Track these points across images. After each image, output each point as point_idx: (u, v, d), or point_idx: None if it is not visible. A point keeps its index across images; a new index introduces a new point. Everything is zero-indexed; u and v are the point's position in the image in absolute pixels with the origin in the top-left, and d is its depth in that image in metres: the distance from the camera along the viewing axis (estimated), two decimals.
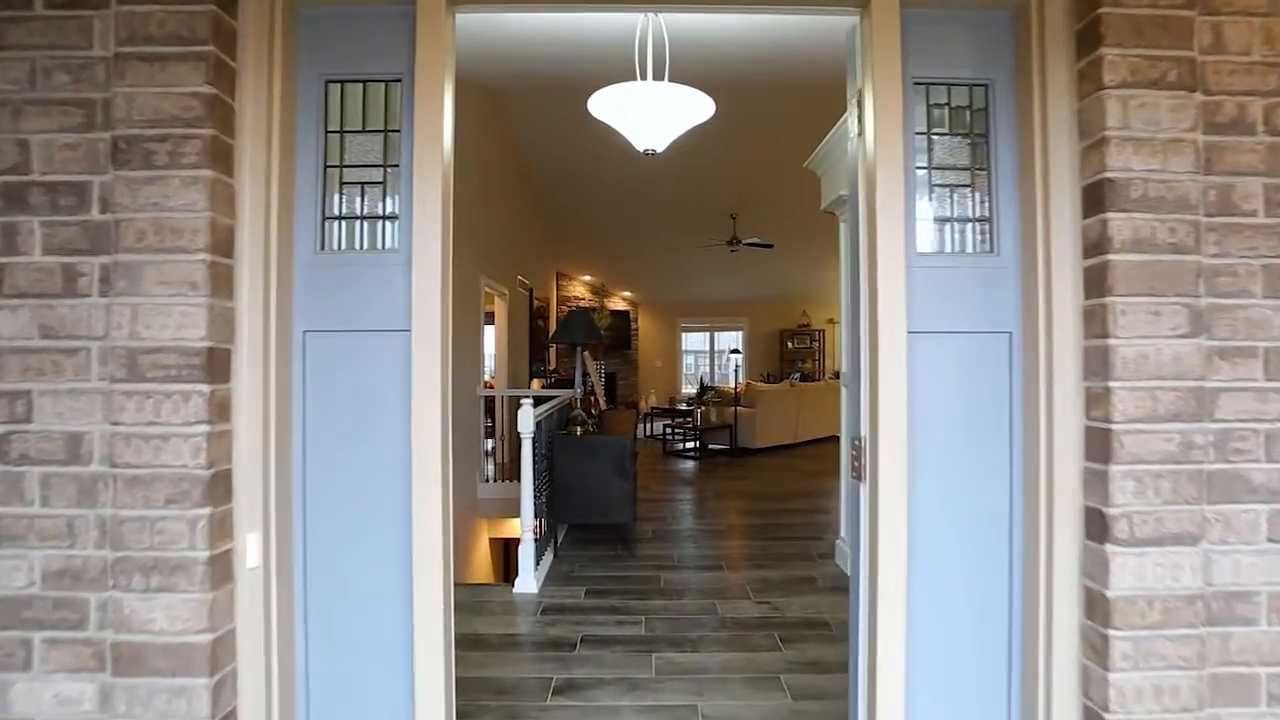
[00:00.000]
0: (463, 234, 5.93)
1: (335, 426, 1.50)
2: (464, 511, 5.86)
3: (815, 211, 9.94)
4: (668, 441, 9.00)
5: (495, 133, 7.01)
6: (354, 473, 1.50)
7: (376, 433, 1.51)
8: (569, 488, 4.13)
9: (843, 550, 4.00)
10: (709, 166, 8.49)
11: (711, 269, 11.92)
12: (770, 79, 6.05)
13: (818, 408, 9.55)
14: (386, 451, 1.50)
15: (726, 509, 5.61)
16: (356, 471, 1.50)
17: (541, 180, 8.83)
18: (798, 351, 14.07)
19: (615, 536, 4.51)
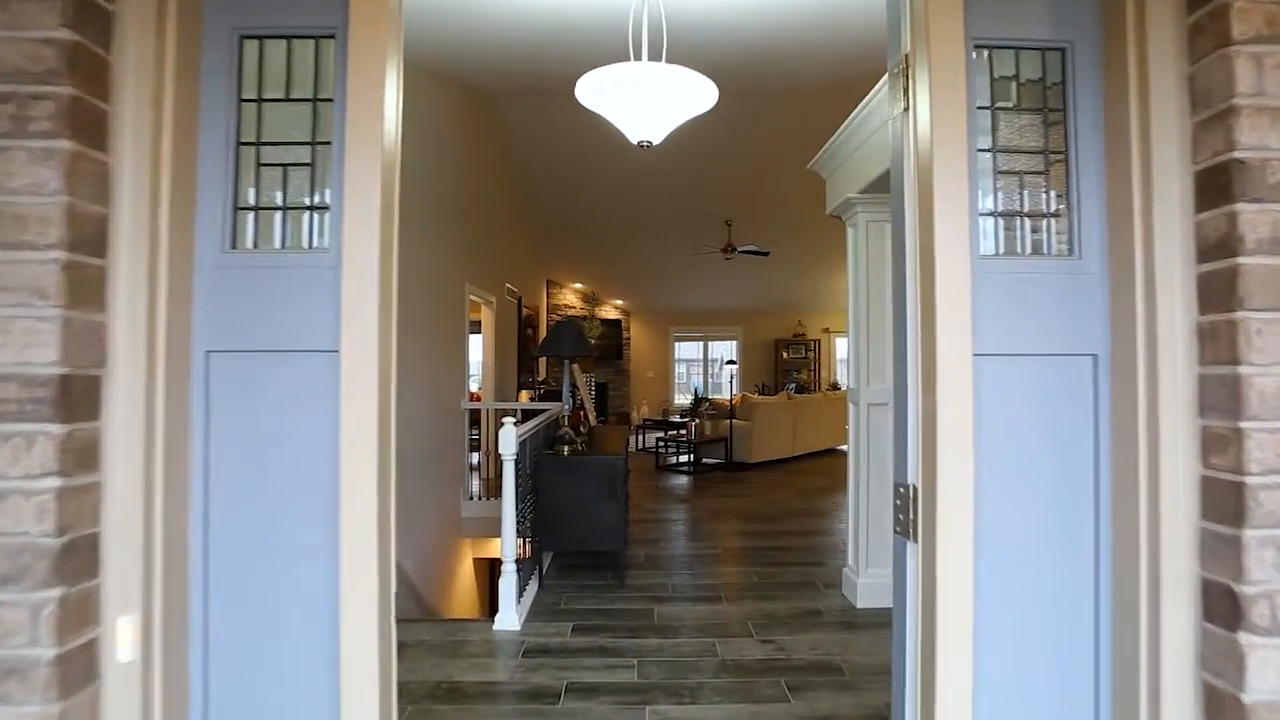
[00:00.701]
0: (446, 239, 5.61)
1: (248, 475, 1.18)
2: (447, 533, 5.52)
3: (813, 218, 9.71)
4: (660, 455, 8.69)
5: (482, 134, 6.71)
6: (273, 536, 1.18)
7: (300, 483, 1.19)
8: (555, 513, 3.81)
9: (850, 579, 3.70)
10: (704, 171, 8.22)
11: (705, 277, 11.64)
12: (772, 77, 5.79)
13: (815, 420, 9.27)
14: (313, 509, 1.18)
15: (723, 531, 5.30)
16: (277, 534, 1.18)
17: (531, 185, 8.54)
18: (793, 362, 13.81)
19: (605, 563, 4.19)
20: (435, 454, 5.28)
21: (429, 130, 5.18)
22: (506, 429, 3.15)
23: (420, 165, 4.94)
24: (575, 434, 4.09)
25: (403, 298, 1.31)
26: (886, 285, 3.63)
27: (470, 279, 6.36)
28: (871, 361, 3.61)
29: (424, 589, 4.82)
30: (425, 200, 5.08)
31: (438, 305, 5.41)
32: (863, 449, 3.62)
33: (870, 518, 3.63)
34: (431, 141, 5.24)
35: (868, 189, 3.44)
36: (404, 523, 4.48)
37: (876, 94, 2.99)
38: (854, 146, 3.43)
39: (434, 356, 5.30)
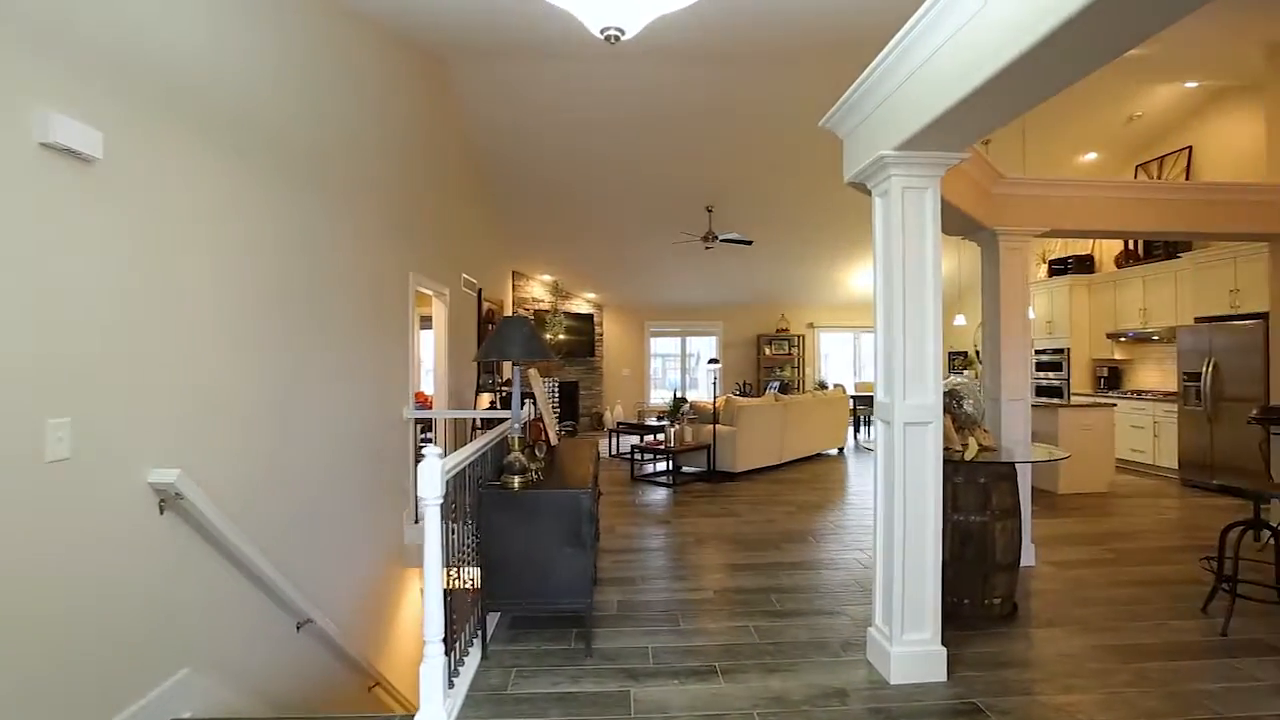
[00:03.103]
0: (385, 220, 4.67)
1: None
2: (385, 564, 4.62)
3: (799, 205, 8.93)
4: (636, 463, 7.87)
5: (434, 104, 5.78)
6: None
7: None
8: (502, 563, 2.96)
9: (879, 645, 2.91)
10: (684, 153, 7.38)
11: (684, 268, 10.82)
12: (761, 40, 4.98)
13: (803, 424, 8.53)
14: None
15: (710, 564, 4.49)
16: None
17: (494, 166, 7.61)
18: (776, 359, 13.08)
19: (568, 620, 3.35)
20: (369, 472, 4.39)
21: (362, 90, 4.27)
22: (428, 463, 2.29)
23: (346, 127, 4.02)
24: (531, 458, 3.24)
25: (316, 285, 0.45)
26: (929, 270, 2.83)
27: (417, 267, 5.45)
28: (909, 368, 2.82)
29: (353, 636, 3.94)
30: (355, 172, 4.17)
31: (373, 296, 4.50)
32: (897, 480, 2.83)
33: (907, 568, 2.84)
34: (364, 102, 4.32)
35: (908, 144, 2.63)
36: (316, 563, 3.59)
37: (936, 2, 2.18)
38: (891, 87, 2.62)
39: (367, 356, 4.39)
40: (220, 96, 2.78)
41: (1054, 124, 7.11)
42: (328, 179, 3.79)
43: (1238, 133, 6.97)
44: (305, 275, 3.51)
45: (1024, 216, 4.24)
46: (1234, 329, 6.50)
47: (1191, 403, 6.88)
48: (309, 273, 3.55)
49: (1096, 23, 1.72)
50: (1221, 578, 3.62)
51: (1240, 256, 6.62)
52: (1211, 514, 5.77)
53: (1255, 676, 2.93)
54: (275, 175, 3.21)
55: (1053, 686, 2.80)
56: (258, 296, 3.06)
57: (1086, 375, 8.92)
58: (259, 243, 3.07)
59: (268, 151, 3.15)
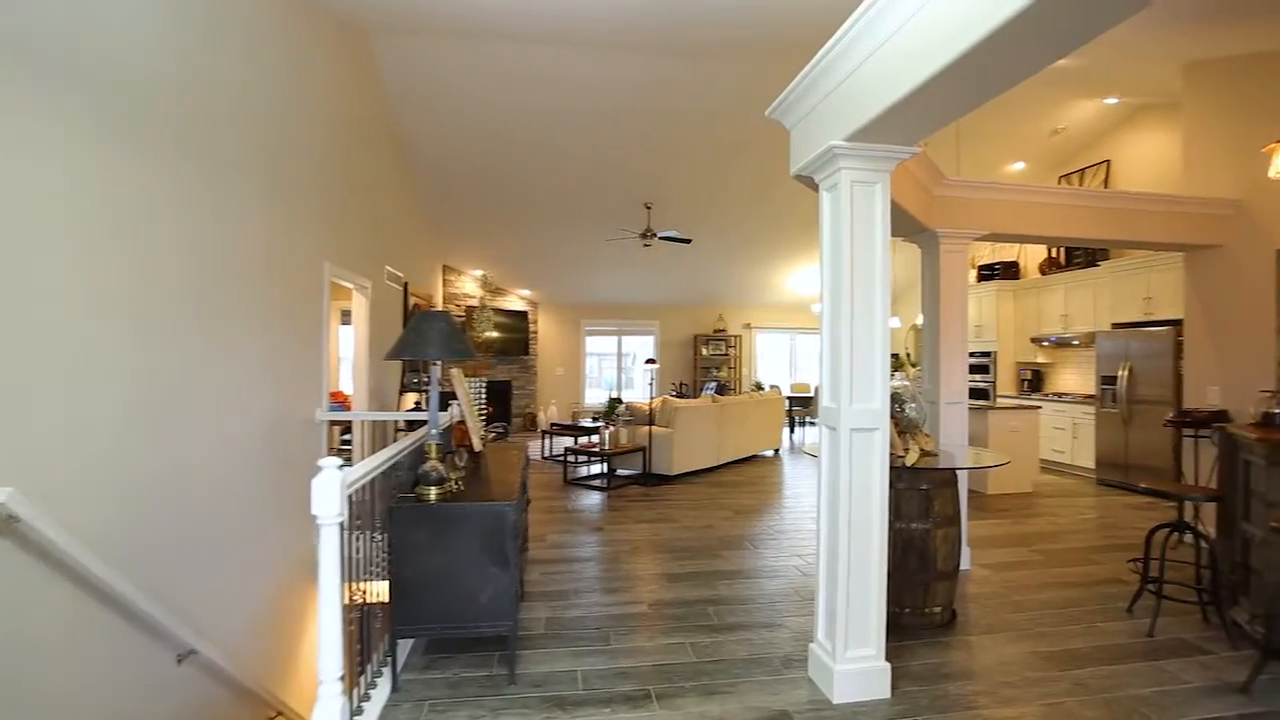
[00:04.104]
0: (293, 205, 4.25)
1: None
2: (291, 578, 4.21)
3: (738, 205, 8.85)
4: (569, 466, 7.60)
5: (356, 85, 5.37)
6: None
7: None
8: (417, 583, 2.66)
9: (821, 661, 2.77)
10: (622, 149, 7.17)
11: (621, 265, 10.61)
12: (702, 33, 4.81)
13: (740, 425, 8.46)
14: None
15: (646, 575, 4.29)
16: None
17: (423, 156, 7.19)
18: (713, 359, 13.04)
19: (491, 642, 3.08)
20: (275, 481, 3.97)
21: (262, 56, 3.85)
22: (324, 476, 1.99)
23: (246, 100, 3.61)
24: (452, 466, 2.96)
25: (207, 276, 0.17)
26: (877, 269, 2.70)
27: (335, 258, 5.03)
28: (856, 373, 2.68)
29: (253, 662, 3.54)
30: (257, 151, 3.75)
31: (280, 287, 4.09)
32: (842, 490, 2.69)
33: (851, 582, 2.70)
34: (268, 72, 3.91)
35: (859, 135, 2.49)
36: (208, 584, 3.18)
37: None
38: (843, 73, 2.47)
39: (272, 353, 3.98)
40: (83, 54, 2.38)
41: (985, 133, 7.25)
42: (222, 157, 3.38)
43: (1152, 148, 7.29)
44: (193, 265, 3.10)
45: (965, 219, 4.22)
46: (1147, 335, 6.78)
47: (1108, 405, 7.14)
48: (198, 262, 3.14)
49: (1049, 14, 1.63)
50: (1146, 579, 3.66)
51: (1153, 267, 6.91)
52: (1127, 513, 5.97)
53: (1183, 679, 2.94)
54: (155, 150, 2.81)
55: (995, 699, 2.72)
56: (131, 288, 2.66)
57: (1011, 378, 9.20)
58: (130, 227, 2.66)
59: (149, 124, 2.75)
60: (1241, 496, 3.63)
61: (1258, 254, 4.90)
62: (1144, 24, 4.54)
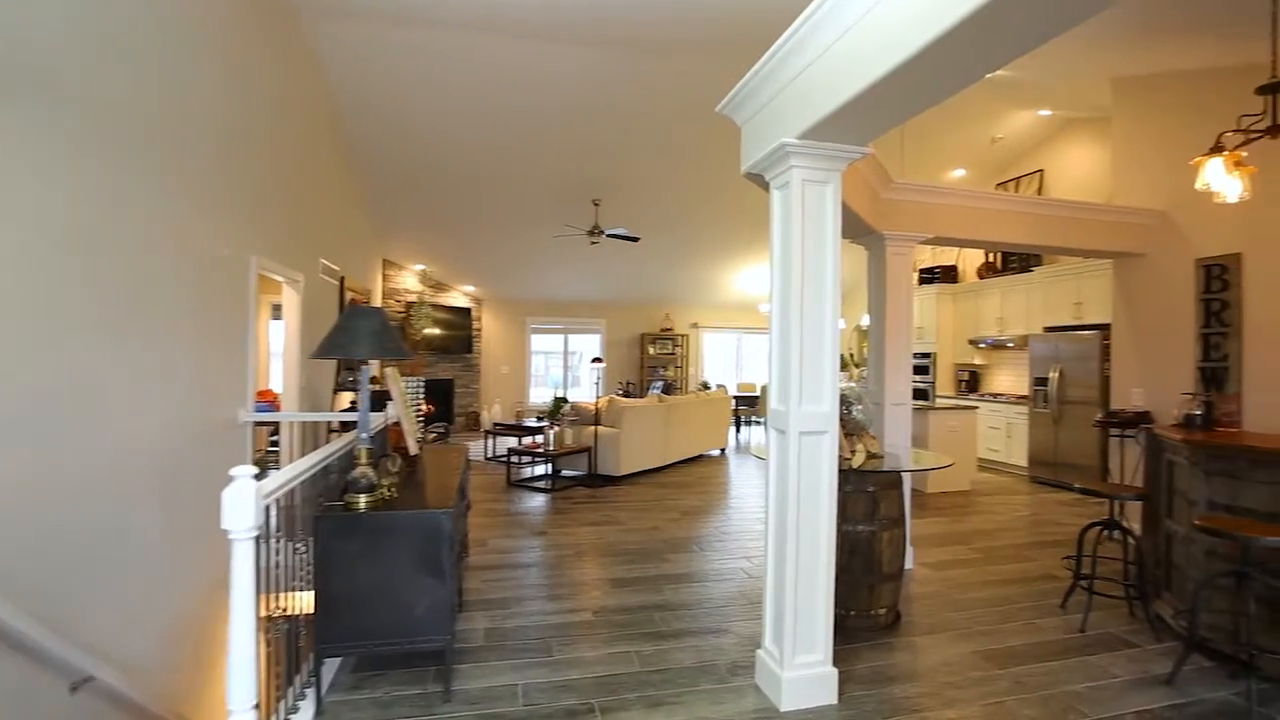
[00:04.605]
0: (216, 192, 3.98)
1: None
2: (215, 591, 3.91)
3: (686, 204, 8.82)
4: (513, 468, 7.42)
5: (289, 69, 5.06)
6: None
7: None
8: (345, 598, 2.48)
9: (769, 669, 2.72)
10: (570, 144, 7.02)
11: (568, 263, 10.46)
12: (653, 27, 4.72)
13: (686, 425, 8.43)
14: None
15: (590, 580, 4.18)
16: None
17: (362, 146, 6.88)
18: (659, 358, 13.01)
19: (426, 656, 2.92)
20: (190, 487, 3.68)
21: (192, 39, 3.57)
22: (237, 487, 1.81)
23: (156, 74, 3.33)
24: (385, 471, 2.78)
25: (103, 265, 0.08)
26: (828, 269, 2.66)
27: (263, 249, 4.73)
28: (806, 374, 2.63)
29: (167, 685, 3.27)
30: (168, 131, 3.47)
31: (198, 279, 3.80)
32: (790, 494, 2.64)
33: (799, 587, 2.66)
34: (194, 54, 3.62)
35: (811, 133, 2.44)
36: (111, 603, 2.90)
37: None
38: (797, 69, 2.42)
39: (188, 349, 3.69)
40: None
41: (928, 139, 7.40)
42: (130, 138, 3.10)
43: (1083, 159, 7.59)
44: (95, 254, 2.82)
45: (911, 222, 4.26)
46: (1077, 338, 7.05)
47: (1040, 405, 7.40)
48: (101, 251, 2.86)
49: (1005, 14, 1.61)
50: (1079, 576, 3.77)
51: (1083, 273, 7.20)
52: (1059, 509, 6.19)
53: (1113, 673, 3.01)
54: (51, 128, 2.54)
55: (939, 700, 2.72)
56: (19, 278, 2.39)
57: (950, 379, 9.46)
58: (18, 211, 2.39)
59: (44, 99, 2.48)
60: (1165, 495, 3.77)
61: (1179, 263, 5.12)
62: (1076, 40, 4.67)
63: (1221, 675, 3.00)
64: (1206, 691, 2.86)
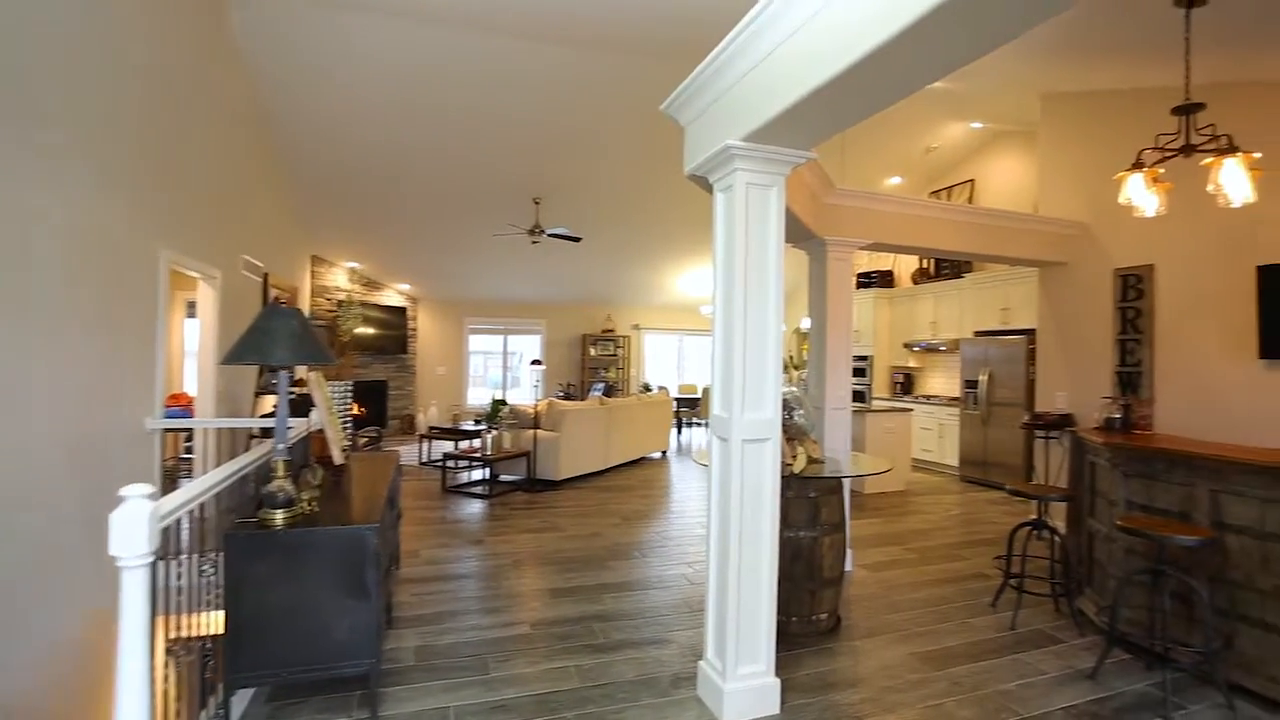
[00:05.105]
0: (116, 178, 3.66)
1: None
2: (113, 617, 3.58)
3: (628, 204, 8.75)
4: (449, 473, 7.18)
5: (204, 50, 4.72)
6: None
7: None
8: (259, 623, 2.29)
9: (710, 680, 2.66)
10: (511, 140, 6.84)
11: (507, 262, 10.23)
12: (597, 24, 4.62)
13: (628, 428, 8.36)
14: None
15: (529, 590, 4.05)
16: None
17: (288, 137, 6.52)
18: (601, 359, 12.91)
19: (350, 681, 2.74)
20: (85, 502, 3.36)
21: (97, 9, 3.26)
22: (127, 509, 1.62)
23: (54, 55, 3.03)
24: (305, 484, 2.59)
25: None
26: (771, 275, 2.62)
27: (174, 242, 4.40)
28: (748, 382, 2.59)
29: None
30: (80, 114, 3.16)
31: (97, 275, 3.49)
32: (733, 503, 2.59)
33: (742, 598, 2.61)
34: (91, 29, 3.31)
35: (756, 136, 2.40)
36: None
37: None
38: (742, 70, 2.37)
39: (81, 351, 3.38)
40: None
41: (867, 146, 7.56)
42: (12, 114, 2.80)
43: (1011, 171, 7.89)
44: None
45: (852, 228, 4.30)
46: (1005, 342, 7.32)
47: (970, 407, 7.66)
48: None
49: (954, 19, 1.60)
50: (1009, 575, 3.87)
51: (1010, 280, 7.48)
52: (988, 508, 6.40)
53: (1042, 669, 3.10)
54: None
55: (879, 706, 2.73)
56: None
57: (885, 381, 9.71)
58: None
59: None
60: (1088, 495, 3.91)
61: (1099, 272, 5.36)
62: (1007, 55, 4.83)
63: (1139, 667, 3.12)
64: (1126, 684, 2.97)
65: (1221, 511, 3.05)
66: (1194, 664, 2.98)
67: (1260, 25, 3.65)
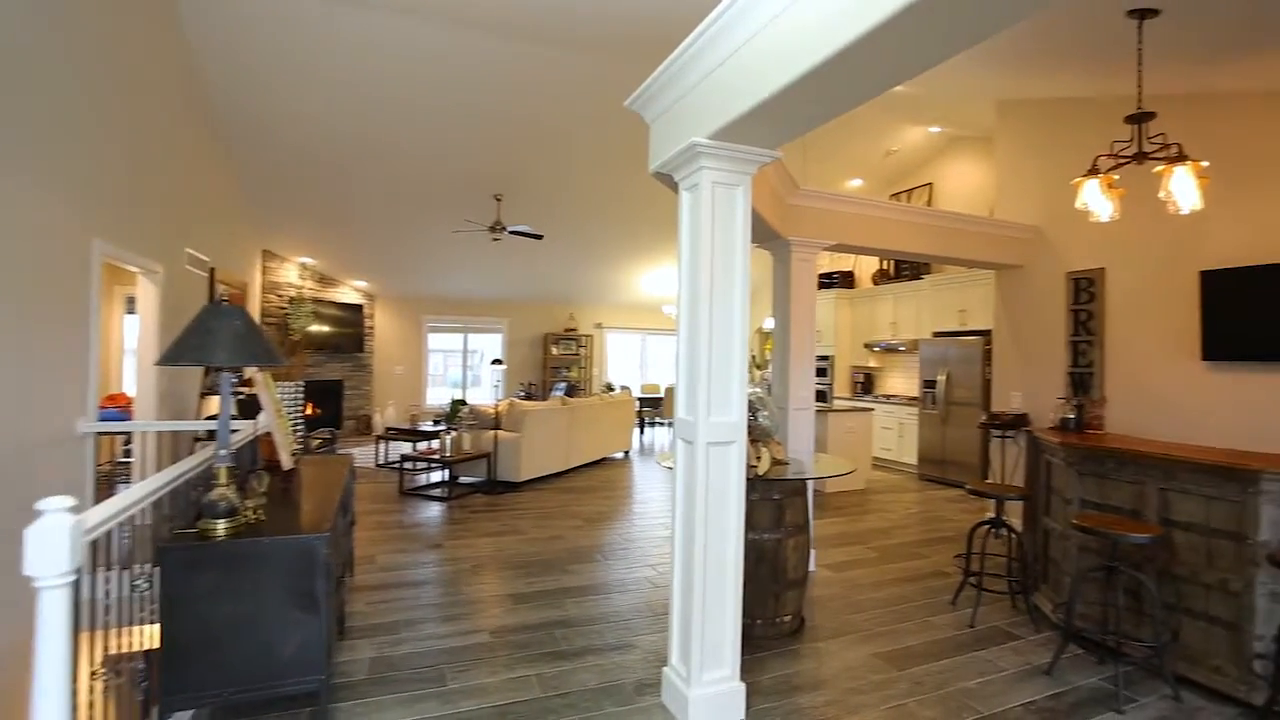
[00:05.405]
0: (37, 161, 3.41)
1: None
2: None
3: (594, 202, 8.67)
4: (406, 475, 7.00)
5: (147, 34, 4.48)
6: None
7: None
8: (198, 641, 2.15)
9: (675, 687, 2.62)
10: (473, 136, 6.70)
11: (468, 259, 10.05)
12: (562, 20, 4.53)
13: (590, 428, 8.28)
14: None
15: (489, 596, 3.95)
16: None
17: (241, 124, 6.25)
18: (563, 359, 12.79)
19: (299, 698, 2.61)
20: (8, 511, 3.14)
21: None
22: (47, 523, 1.49)
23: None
24: (250, 492, 2.46)
25: None
26: (737, 275, 2.58)
27: (110, 234, 4.16)
28: (714, 384, 2.55)
29: None
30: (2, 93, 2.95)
31: (18, 267, 3.27)
32: (698, 507, 2.54)
33: (707, 603, 2.57)
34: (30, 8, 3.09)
35: (723, 134, 2.35)
36: None
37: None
38: (710, 66, 2.32)
39: (4, 350, 3.16)
40: None
41: (829, 148, 7.62)
42: None
43: (968, 175, 8.06)
44: None
45: (816, 229, 4.30)
46: (963, 343, 7.46)
47: (929, 407, 7.79)
48: None
49: (923, 19, 1.58)
50: (969, 573, 3.92)
51: (968, 282, 7.63)
52: (946, 506, 6.51)
53: (1000, 666, 3.13)
54: None
55: (843, 708, 2.72)
56: None
57: (846, 381, 9.82)
58: None
59: None
60: (1044, 494, 3.99)
61: (1053, 275, 5.49)
62: (965, 62, 4.91)
63: (1092, 662, 3.19)
64: (1081, 679, 3.03)
65: (1170, 508, 3.13)
66: (1144, 657, 3.06)
67: (1207, 40, 3.76)
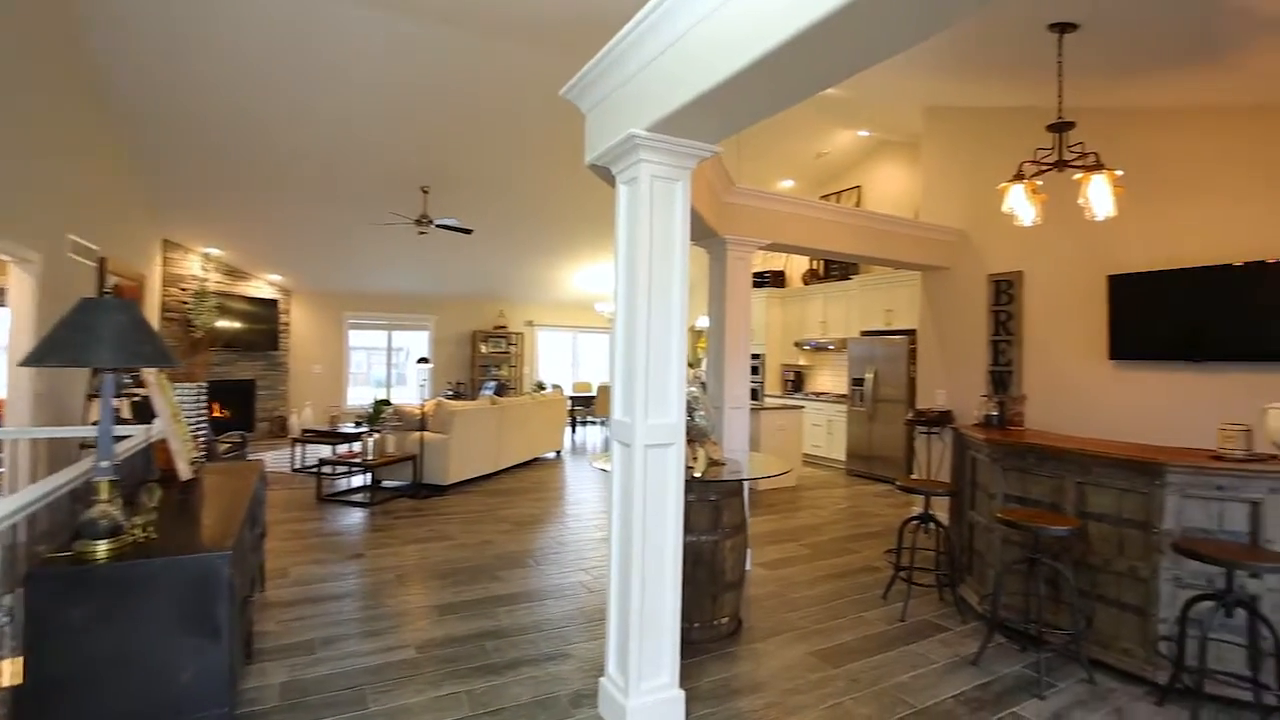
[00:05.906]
0: None
1: None
2: None
3: (525, 197, 8.44)
4: (325, 480, 6.63)
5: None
6: None
7: None
8: (73, 679, 1.90)
9: (612, 698, 2.52)
10: (397, 123, 6.39)
11: (393, 253, 9.64)
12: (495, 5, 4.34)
13: (521, 427, 8.08)
14: None
15: (414, 608, 3.75)
16: None
17: (133, 101, 5.72)
18: (492, 357, 12.48)
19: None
20: None
21: None
22: None
23: None
24: (139, 507, 2.20)
25: None
26: (676, 273, 2.50)
27: None
28: (651, 384, 2.46)
29: None
30: None
31: None
32: (635, 512, 2.45)
33: (645, 609, 2.48)
34: None
35: (662, 126, 2.26)
36: None
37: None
38: (649, 55, 2.23)
39: None
40: None
41: (760, 146, 7.68)
42: None
43: (895, 179, 8.30)
44: None
45: (752, 227, 4.29)
46: (889, 342, 7.68)
47: (857, 404, 7.99)
48: None
49: (868, 14, 1.55)
50: (899, 567, 4.00)
51: (895, 283, 7.86)
52: (874, 501, 6.68)
53: (931, 659, 3.19)
54: None
55: (782, 710, 2.69)
56: None
57: (777, 379, 9.97)
58: None
59: None
60: (969, 489, 4.10)
61: (975, 277, 5.70)
62: (893, 68, 5.01)
63: (1016, 650, 3.29)
64: (1006, 667, 3.11)
65: (1086, 501, 3.26)
66: (1063, 644, 3.17)
67: (1119, 57, 3.95)
